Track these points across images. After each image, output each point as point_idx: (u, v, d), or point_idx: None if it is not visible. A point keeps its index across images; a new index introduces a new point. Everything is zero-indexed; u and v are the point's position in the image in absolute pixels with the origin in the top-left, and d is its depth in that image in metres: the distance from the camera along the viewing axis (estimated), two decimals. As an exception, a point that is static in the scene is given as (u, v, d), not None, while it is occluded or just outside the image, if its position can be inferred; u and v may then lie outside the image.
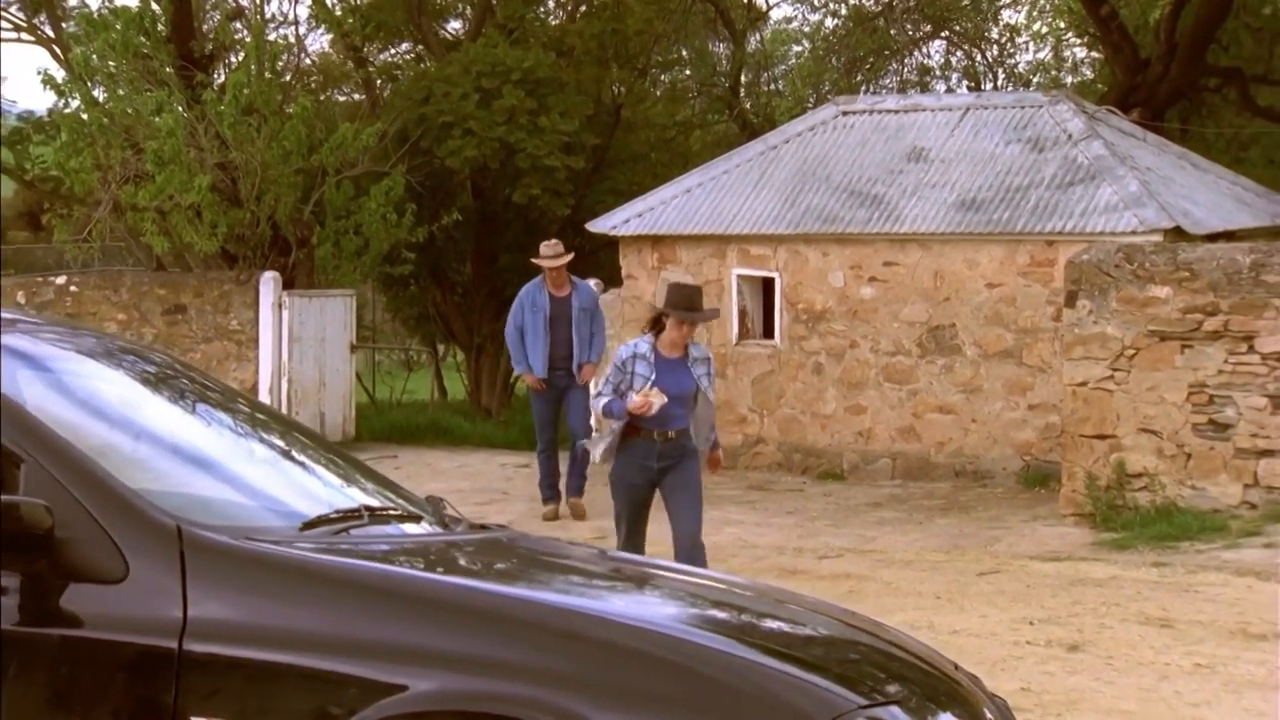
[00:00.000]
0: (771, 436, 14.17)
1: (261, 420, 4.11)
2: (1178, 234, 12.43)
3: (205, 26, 18.36)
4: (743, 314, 14.29)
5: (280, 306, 15.12)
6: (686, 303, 7.69)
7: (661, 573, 4.02)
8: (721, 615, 3.56)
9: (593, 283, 14.96)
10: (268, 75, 15.76)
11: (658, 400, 7.46)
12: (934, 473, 13.49)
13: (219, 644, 3.08)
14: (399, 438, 16.50)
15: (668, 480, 7.78)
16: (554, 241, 11.59)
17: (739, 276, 14.22)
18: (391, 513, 3.80)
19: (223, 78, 16.84)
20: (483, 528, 4.15)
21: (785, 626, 3.58)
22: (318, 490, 3.83)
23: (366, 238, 16.35)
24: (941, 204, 13.60)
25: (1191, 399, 10.72)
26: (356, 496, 3.83)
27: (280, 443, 4.01)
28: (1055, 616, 7.99)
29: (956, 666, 3.86)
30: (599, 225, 14.95)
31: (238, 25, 17.99)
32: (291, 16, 19.79)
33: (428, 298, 20.18)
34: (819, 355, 13.93)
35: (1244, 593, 8.49)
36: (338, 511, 3.60)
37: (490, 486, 13.34)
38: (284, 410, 15.05)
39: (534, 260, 11.51)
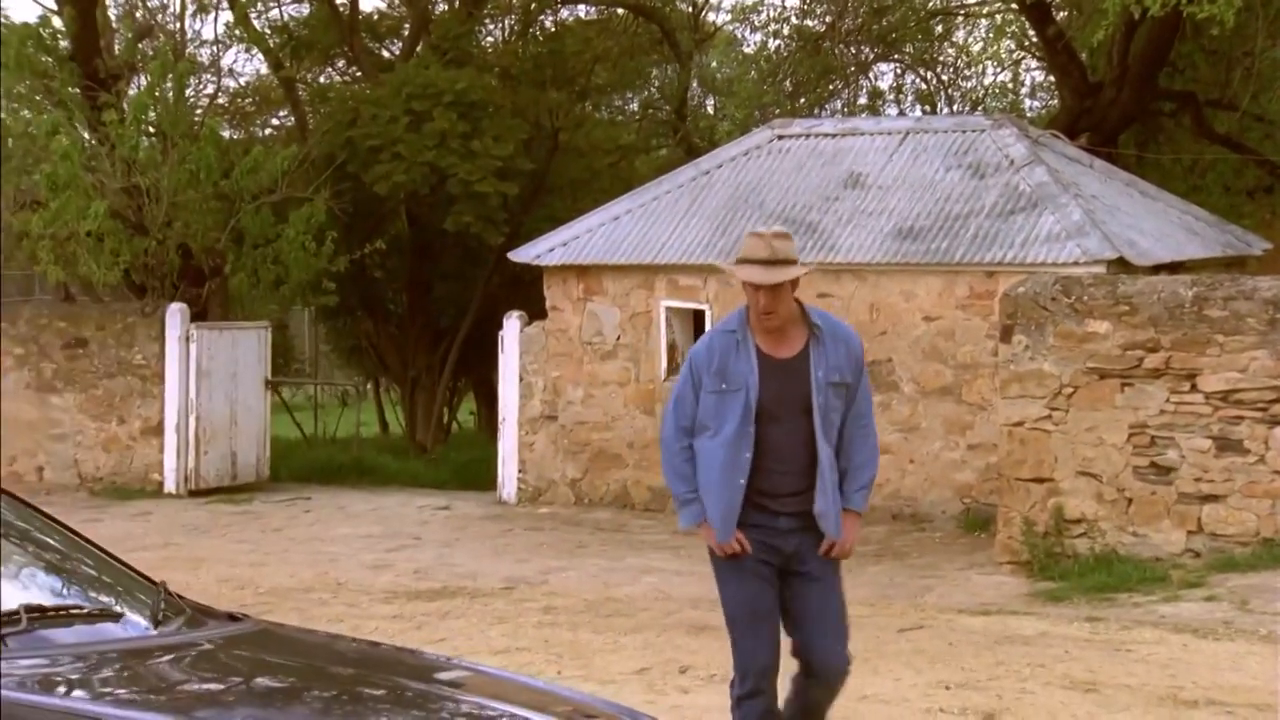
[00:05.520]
0: (702, 476, 13.47)
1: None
2: (1122, 265, 11.82)
3: (115, 45, 17.59)
4: (672, 348, 13.61)
5: (188, 339, 14.38)
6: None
7: (455, 681, 3.32)
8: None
9: (516, 315, 14.30)
10: (174, 95, 14.96)
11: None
12: (870, 516, 12.72)
13: None
14: (320, 478, 15.78)
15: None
16: (777, 229, 5.30)
17: (668, 308, 13.55)
18: (74, 612, 3.10)
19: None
20: (231, 619, 3.45)
21: None
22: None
23: (286, 266, 15.63)
24: (878, 232, 12.96)
25: (1132, 440, 10.09)
26: (35, 592, 3.13)
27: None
28: (974, 680, 7.36)
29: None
30: (521, 255, 14.27)
31: (146, 44, 17.21)
32: (212, 35, 18.89)
33: (360, 329, 19.49)
34: (751, 391, 13.25)
35: (1179, 652, 7.86)
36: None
37: (402, 531, 12.64)
38: (192, 449, 14.34)
39: (734, 270, 5.29)
